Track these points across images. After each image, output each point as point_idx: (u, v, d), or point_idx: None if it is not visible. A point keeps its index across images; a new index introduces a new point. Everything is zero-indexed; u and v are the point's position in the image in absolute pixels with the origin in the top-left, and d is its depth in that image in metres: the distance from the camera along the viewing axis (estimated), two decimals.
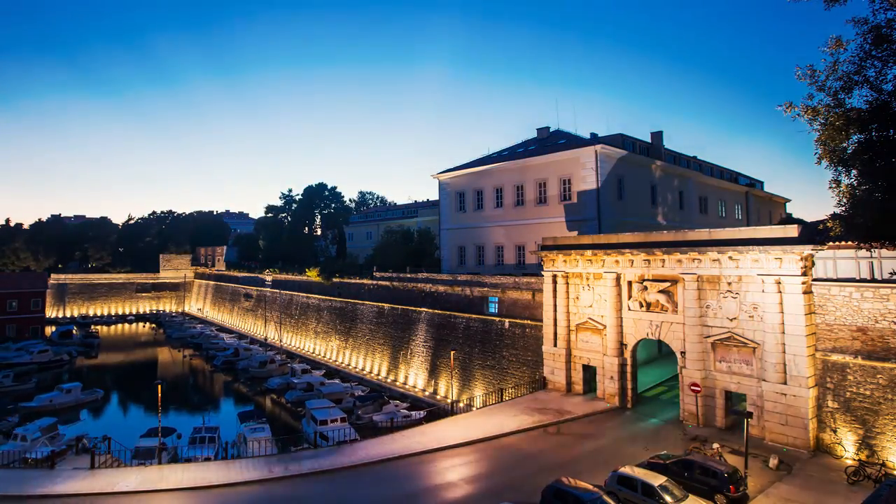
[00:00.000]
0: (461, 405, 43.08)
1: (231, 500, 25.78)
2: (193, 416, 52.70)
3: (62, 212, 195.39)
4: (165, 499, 25.82)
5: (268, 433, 40.13)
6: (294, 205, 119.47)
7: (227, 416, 53.52)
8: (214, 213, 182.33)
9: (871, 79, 17.28)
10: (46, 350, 77.16)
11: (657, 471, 25.07)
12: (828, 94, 17.84)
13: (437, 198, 68.85)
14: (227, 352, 78.93)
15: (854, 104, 17.70)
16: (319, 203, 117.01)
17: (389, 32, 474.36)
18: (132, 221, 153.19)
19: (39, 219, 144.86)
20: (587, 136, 57.20)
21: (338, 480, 27.67)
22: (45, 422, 41.94)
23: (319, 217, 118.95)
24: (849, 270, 31.03)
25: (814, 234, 29.82)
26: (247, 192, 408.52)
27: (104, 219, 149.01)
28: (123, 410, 62.44)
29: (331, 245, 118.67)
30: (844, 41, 17.28)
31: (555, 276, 42.60)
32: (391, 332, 61.90)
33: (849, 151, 18.07)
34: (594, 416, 36.57)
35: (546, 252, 42.91)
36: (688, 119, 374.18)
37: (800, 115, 18.36)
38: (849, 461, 27.53)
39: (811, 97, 18.19)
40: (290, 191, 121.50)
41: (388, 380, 59.44)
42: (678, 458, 26.27)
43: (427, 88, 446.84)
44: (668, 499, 22.81)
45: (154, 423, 35.83)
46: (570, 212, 51.64)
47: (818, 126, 18.15)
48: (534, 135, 65.76)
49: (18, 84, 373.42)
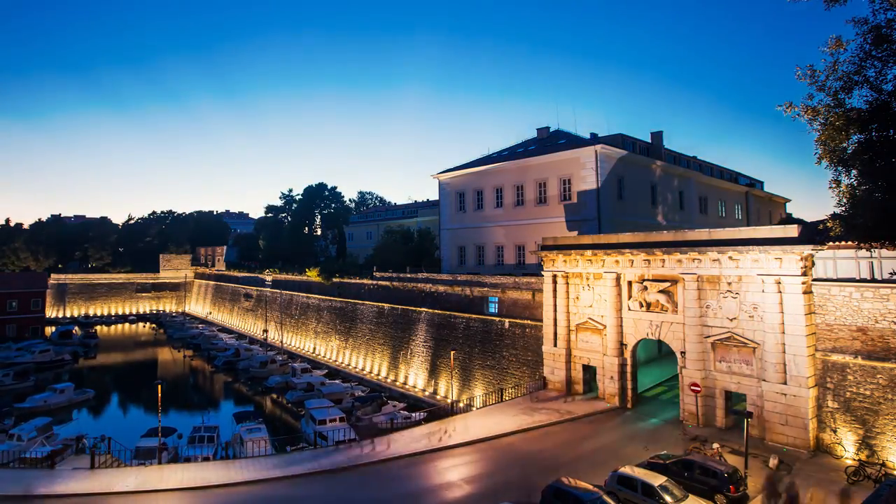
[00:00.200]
0: (461, 405, 43.07)
1: (231, 500, 25.78)
2: (194, 416, 52.70)
3: (62, 212, 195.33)
4: (165, 499, 25.83)
5: (264, 433, 40.08)
6: (294, 205, 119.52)
7: (227, 416, 53.52)
8: (214, 213, 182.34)
9: (871, 79, 17.28)
10: (48, 350, 77.21)
11: (657, 471, 25.06)
12: (828, 94, 17.84)
13: (437, 198, 68.88)
14: (228, 352, 78.93)
15: (854, 104, 17.70)
16: (319, 203, 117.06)
17: (389, 32, 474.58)
18: (132, 221, 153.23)
19: (39, 219, 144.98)
20: (587, 136, 57.21)
21: (337, 480, 27.66)
22: (41, 421, 42.16)
23: (319, 217, 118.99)
24: (849, 270, 31.03)
25: (814, 234, 29.82)
26: (247, 192, 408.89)
27: (104, 219, 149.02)
28: (123, 410, 62.47)
29: (331, 245, 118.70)
30: (844, 41, 17.28)
31: (555, 276, 42.60)
32: (391, 332, 61.90)
33: (849, 151, 18.07)
34: (594, 416, 36.56)
35: (546, 252, 42.91)
36: (688, 119, 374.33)
37: (800, 115, 18.36)
38: (849, 461, 27.53)
39: (811, 97, 18.19)
40: (290, 191, 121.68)
41: (388, 380, 59.44)
42: (678, 458, 26.26)
43: (427, 88, 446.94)
44: (668, 499, 22.80)
45: (155, 423, 35.82)
46: (570, 212, 51.64)
47: (818, 126, 18.15)
48: (534, 135, 65.79)
49: (20, 86, 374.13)
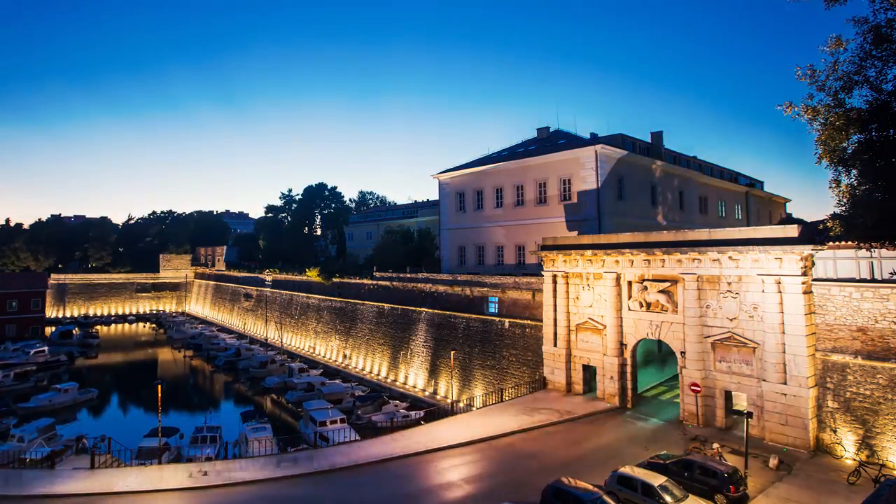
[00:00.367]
0: (461, 405, 43.07)
1: (231, 500, 25.77)
2: (194, 416, 52.72)
3: (62, 212, 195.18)
4: (165, 499, 25.81)
5: (269, 433, 40.17)
6: (294, 205, 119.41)
7: (229, 416, 53.53)
8: (214, 213, 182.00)
9: (871, 79, 17.24)
10: (43, 350, 76.88)
11: (657, 471, 25.06)
12: (828, 94, 17.81)
13: (437, 198, 68.83)
14: (229, 352, 78.93)
15: (854, 104, 17.67)
16: (319, 203, 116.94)
17: (389, 32, 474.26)
18: (132, 221, 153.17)
19: (39, 219, 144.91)
20: (587, 136, 57.17)
21: (338, 480, 27.66)
22: (43, 422, 41.96)
23: (319, 217, 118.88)
24: (849, 270, 31.00)
25: (814, 234, 29.80)
26: (247, 192, 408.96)
27: (104, 219, 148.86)
28: (124, 410, 62.45)
29: (331, 245, 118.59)
30: (844, 41, 17.25)
31: (555, 276, 42.59)
32: (391, 332, 61.88)
33: (849, 151, 18.04)
34: (594, 416, 36.55)
35: (546, 252, 42.90)
36: (688, 119, 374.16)
37: (800, 115, 18.33)
38: (849, 461, 27.54)
39: (811, 97, 18.16)
40: (290, 191, 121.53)
41: (388, 380, 59.43)
42: (678, 458, 26.26)
43: (428, 89, 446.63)
44: (668, 499, 22.80)
45: (156, 423, 35.83)
46: (570, 212, 51.62)
47: (818, 126, 18.12)
48: (534, 135, 65.75)
49: (21, 87, 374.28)
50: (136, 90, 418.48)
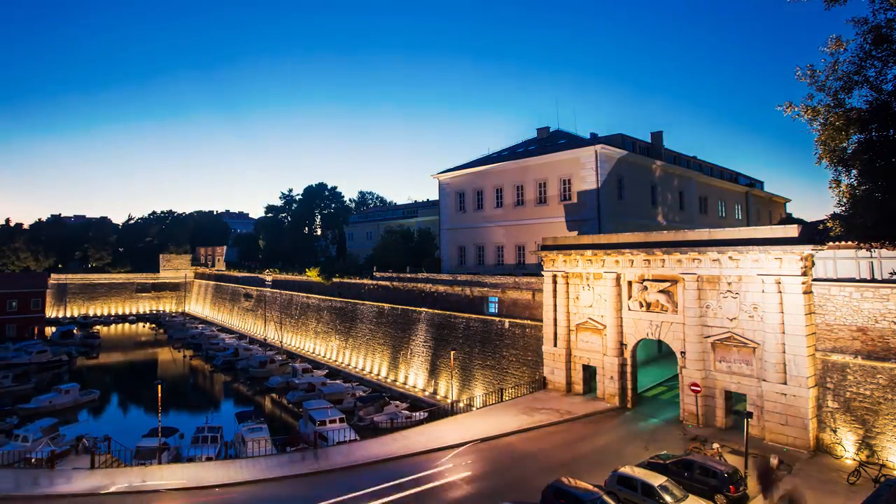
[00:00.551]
0: (461, 405, 43.05)
1: (231, 500, 25.77)
2: (194, 416, 52.69)
3: (62, 212, 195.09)
4: (165, 499, 25.81)
5: (266, 433, 40.10)
6: (294, 205, 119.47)
7: (229, 416, 53.51)
8: (214, 213, 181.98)
9: (871, 79, 17.21)
10: (45, 350, 77.00)
11: (657, 471, 25.06)
12: (828, 94, 17.77)
13: (437, 198, 68.84)
14: (228, 352, 78.96)
15: (854, 104, 17.63)
16: (319, 203, 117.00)
17: (390, 33, 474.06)
18: (132, 221, 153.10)
19: (39, 219, 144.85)
20: (587, 136, 57.18)
21: (338, 480, 27.63)
22: (46, 422, 41.91)
23: (319, 217, 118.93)
24: (849, 270, 30.98)
25: (814, 234, 29.80)
26: (247, 192, 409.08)
27: (104, 219, 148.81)
28: (124, 410, 62.42)
29: (331, 245, 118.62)
30: (844, 41, 17.21)
31: (555, 276, 42.58)
32: (391, 332, 61.88)
33: (849, 151, 18.01)
34: (594, 416, 36.55)
35: (546, 252, 42.89)
36: (688, 119, 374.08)
37: (800, 115, 18.30)
38: (849, 461, 27.54)
39: (811, 97, 18.12)
40: (290, 191, 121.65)
41: (388, 380, 59.42)
42: (678, 458, 26.25)
43: (428, 88, 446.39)
44: (668, 499, 22.79)
45: (155, 423, 35.83)
46: (570, 212, 51.62)
47: (818, 126, 18.09)
48: (534, 135, 65.75)
49: (21, 87, 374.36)
50: (137, 92, 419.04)
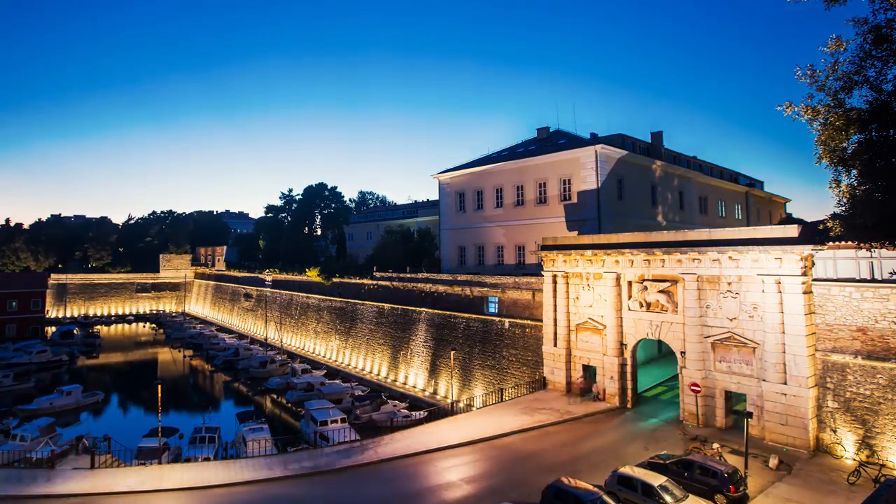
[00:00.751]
0: (461, 405, 43.05)
1: (231, 500, 25.77)
2: (194, 416, 52.65)
3: (62, 212, 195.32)
4: (165, 499, 25.81)
5: (267, 433, 40.09)
6: (294, 205, 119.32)
7: (228, 416, 53.47)
8: (214, 213, 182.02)
9: (871, 79, 17.21)
10: (45, 350, 76.86)
11: (657, 471, 25.06)
12: (828, 94, 17.77)
13: (437, 198, 68.83)
14: (229, 352, 78.95)
15: (854, 104, 17.63)
16: (319, 203, 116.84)
17: (390, 33, 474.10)
18: (132, 221, 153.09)
19: (39, 219, 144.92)
20: (587, 136, 57.15)
21: (337, 480, 27.66)
22: (44, 421, 41.87)
23: (319, 217, 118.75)
24: (849, 270, 30.99)
25: (814, 234, 29.80)
26: (247, 192, 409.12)
27: (104, 219, 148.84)
28: (124, 411, 62.38)
29: (331, 245, 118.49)
30: (844, 41, 17.21)
31: (555, 276, 42.58)
32: (391, 332, 61.88)
33: (849, 151, 18.01)
34: (594, 416, 36.56)
35: (546, 252, 42.89)
36: (688, 119, 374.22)
37: (800, 115, 18.29)
38: (849, 461, 27.54)
39: (811, 97, 18.12)
40: (290, 191, 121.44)
41: (388, 380, 59.42)
42: (678, 458, 26.26)
43: (427, 88, 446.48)
44: (668, 499, 22.79)
45: (155, 423, 35.82)
46: (570, 212, 51.62)
47: (818, 126, 18.08)
48: (534, 135, 65.74)
49: (22, 88, 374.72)
50: (137, 93, 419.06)
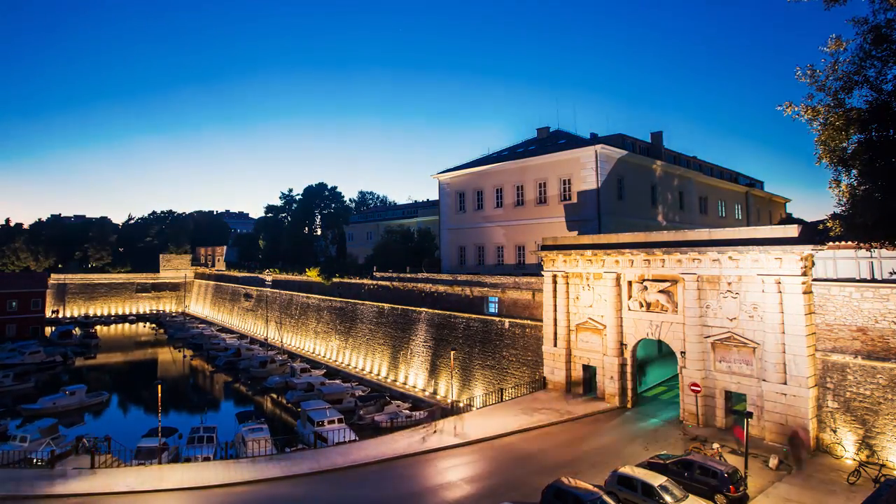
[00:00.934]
0: (461, 405, 43.05)
1: (231, 500, 25.76)
2: (194, 417, 52.63)
3: (62, 212, 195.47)
4: (165, 499, 25.80)
5: (266, 433, 40.09)
6: (294, 205, 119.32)
7: (227, 416, 53.44)
8: (214, 213, 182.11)
9: (871, 79, 17.20)
10: (38, 351, 76.26)
11: (657, 471, 25.06)
12: (828, 94, 17.76)
13: (437, 198, 68.82)
14: (229, 352, 78.90)
15: (854, 104, 17.62)
16: (319, 203, 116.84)
17: (390, 33, 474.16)
18: (132, 221, 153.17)
19: (39, 219, 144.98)
20: (587, 136, 57.15)
21: (337, 480, 27.63)
22: (45, 422, 41.79)
23: (319, 217, 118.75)
24: (849, 270, 30.99)
25: (814, 234, 29.81)
26: (247, 192, 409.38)
27: (104, 219, 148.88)
28: (124, 411, 62.33)
29: (331, 245, 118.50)
30: (844, 41, 17.21)
31: (555, 276, 42.57)
32: (391, 332, 61.87)
33: (849, 151, 18.01)
34: (594, 416, 36.55)
35: (546, 252, 42.89)
36: (688, 119, 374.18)
37: (800, 115, 18.29)
38: (849, 461, 27.53)
39: (811, 97, 18.11)
40: (290, 191, 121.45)
41: (388, 380, 59.40)
42: (678, 458, 26.26)
43: (427, 88, 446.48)
44: (668, 499, 22.79)
45: (155, 423, 35.81)
46: (570, 212, 51.61)
47: (818, 126, 18.07)
48: (534, 135, 65.72)
49: (22, 88, 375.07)
50: (137, 94, 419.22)
